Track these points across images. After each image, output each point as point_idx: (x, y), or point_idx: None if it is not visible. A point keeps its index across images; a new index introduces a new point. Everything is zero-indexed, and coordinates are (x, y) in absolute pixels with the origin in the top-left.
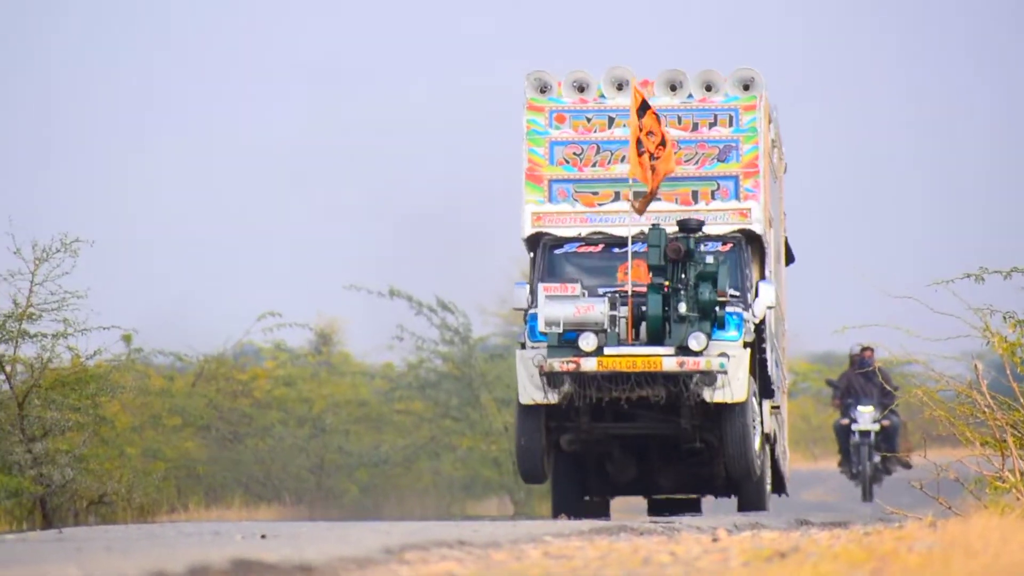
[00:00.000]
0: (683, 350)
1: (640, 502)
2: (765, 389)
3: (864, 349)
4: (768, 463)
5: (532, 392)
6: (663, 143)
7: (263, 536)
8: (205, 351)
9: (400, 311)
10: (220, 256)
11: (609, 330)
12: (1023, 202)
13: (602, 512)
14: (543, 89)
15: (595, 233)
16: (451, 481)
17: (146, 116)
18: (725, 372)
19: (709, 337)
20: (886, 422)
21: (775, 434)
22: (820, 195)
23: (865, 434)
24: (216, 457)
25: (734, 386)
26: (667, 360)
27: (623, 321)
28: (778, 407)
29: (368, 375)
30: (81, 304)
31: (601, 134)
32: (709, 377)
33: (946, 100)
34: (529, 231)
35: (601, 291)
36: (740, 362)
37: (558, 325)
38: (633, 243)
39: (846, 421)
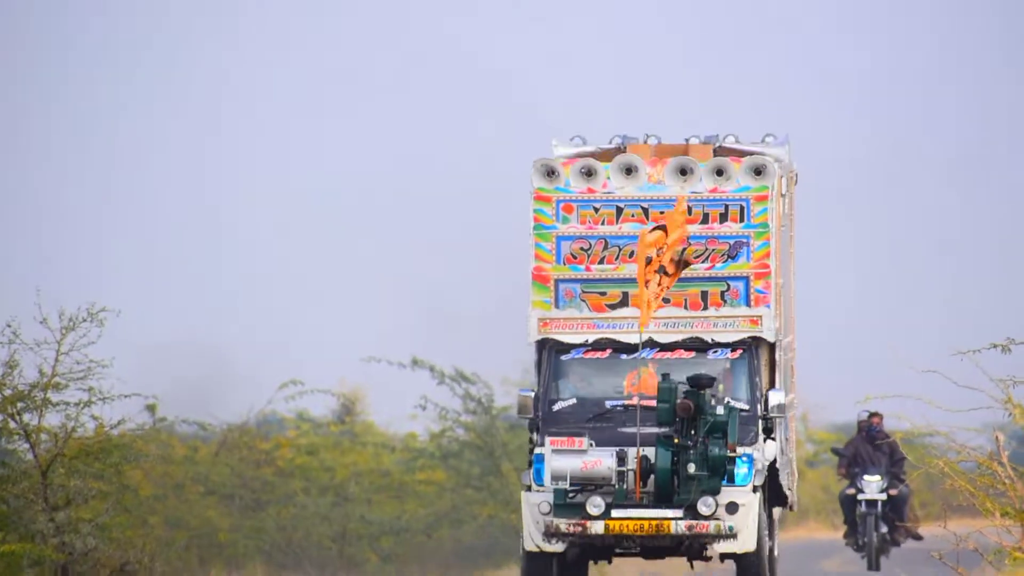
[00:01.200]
0: (692, 510)
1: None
2: (776, 497)
3: (872, 415)
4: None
5: (537, 539)
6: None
7: None
8: (228, 420)
9: (423, 380)
10: (243, 320)
11: (617, 486)
12: None
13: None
14: (550, 173)
15: (603, 338)
16: (472, 549)
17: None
18: (735, 536)
19: (719, 491)
20: (894, 491)
21: (784, 470)
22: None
23: (872, 504)
24: (238, 525)
25: (743, 537)
26: (676, 524)
27: (631, 475)
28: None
29: (388, 447)
30: (106, 373)
31: (609, 227)
32: (718, 535)
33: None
34: (535, 337)
35: (609, 404)
36: (750, 510)
37: (564, 479)
38: (641, 349)
39: (852, 491)
